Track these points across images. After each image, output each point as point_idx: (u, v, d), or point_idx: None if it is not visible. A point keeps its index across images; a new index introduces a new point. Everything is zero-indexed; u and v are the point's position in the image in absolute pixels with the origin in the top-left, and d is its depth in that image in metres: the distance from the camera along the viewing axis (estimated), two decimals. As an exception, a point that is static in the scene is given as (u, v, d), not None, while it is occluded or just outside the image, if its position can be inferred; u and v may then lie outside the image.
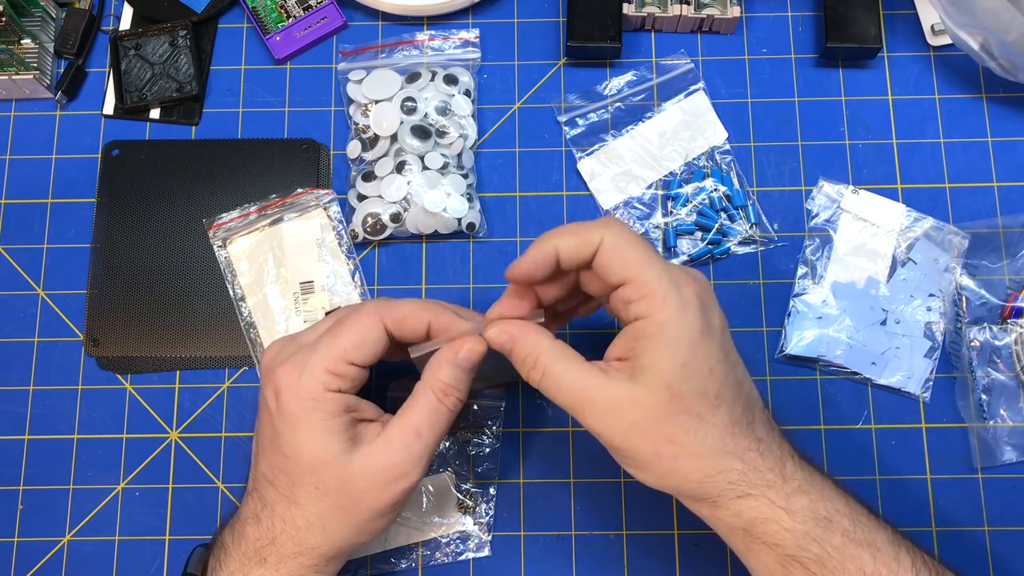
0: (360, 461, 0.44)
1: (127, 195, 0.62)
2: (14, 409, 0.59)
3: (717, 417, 0.42)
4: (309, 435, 0.44)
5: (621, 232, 0.44)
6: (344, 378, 0.45)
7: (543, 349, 0.44)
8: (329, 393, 0.45)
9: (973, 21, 0.57)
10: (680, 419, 0.42)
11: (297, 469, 0.45)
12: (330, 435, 0.44)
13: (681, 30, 0.64)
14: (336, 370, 0.45)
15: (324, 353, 0.45)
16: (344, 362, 0.45)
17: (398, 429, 0.45)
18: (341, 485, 0.44)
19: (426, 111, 0.61)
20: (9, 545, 0.57)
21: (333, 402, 0.45)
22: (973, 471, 0.56)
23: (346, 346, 0.45)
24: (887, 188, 0.61)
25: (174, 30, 0.64)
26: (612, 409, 0.42)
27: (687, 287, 0.42)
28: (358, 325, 0.46)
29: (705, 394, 0.42)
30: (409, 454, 0.45)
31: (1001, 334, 0.57)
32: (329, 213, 0.61)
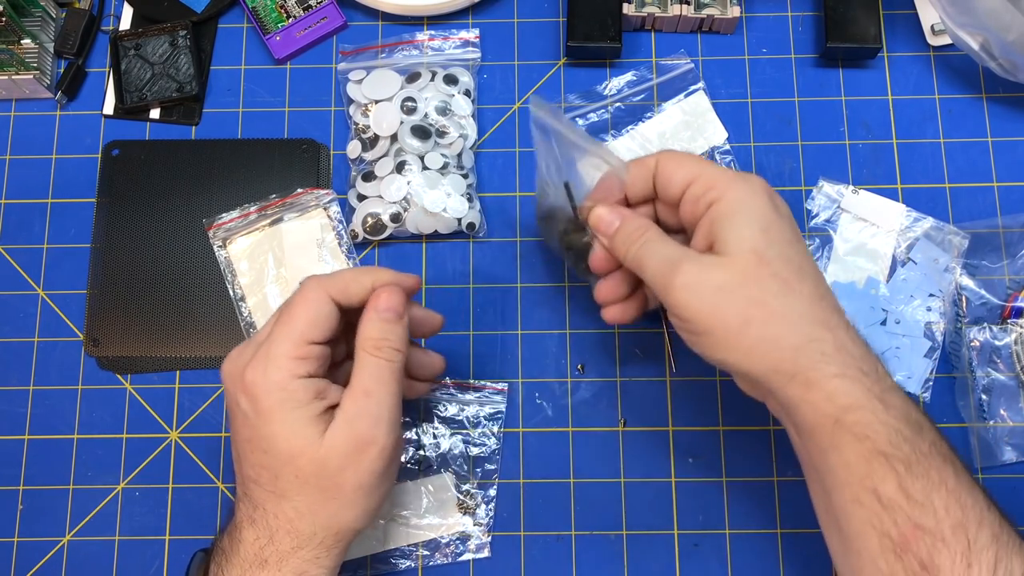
0: (327, 441, 0.44)
1: (127, 195, 0.62)
2: (14, 409, 0.59)
3: (804, 285, 0.43)
4: (282, 426, 0.44)
5: (672, 150, 0.47)
6: (309, 359, 0.45)
7: (646, 226, 0.47)
8: (298, 380, 0.44)
9: (973, 21, 0.57)
10: (768, 283, 0.42)
11: (276, 461, 0.44)
12: (303, 423, 0.44)
13: (681, 30, 0.64)
14: (299, 353, 0.45)
15: (283, 341, 0.45)
16: (304, 343, 0.45)
17: (349, 398, 0.45)
18: (318, 468, 0.44)
19: (426, 111, 0.61)
20: (9, 545, 0.57)
21: (303, 389, 0.44)
22: (973, 471, 0.56)
23: (302, 327, 0.45)
24: (887, 188, 0.61)
25: (174, 30, 0.64)
26: (700, 273, 0.43)
27: (751, 176, 0.45)
28: (307, 303, 0.46)
29: (790, 260, 0.43)
30: (367, 418, 0.45)
31: (1001, 334, 0.57)
32: (329, 213, 0.61)
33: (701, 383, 0.58)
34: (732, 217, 0.44)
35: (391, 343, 0.46)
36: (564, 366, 0.59)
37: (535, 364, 0.59)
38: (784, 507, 0.56)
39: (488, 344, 0.59)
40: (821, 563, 0.55)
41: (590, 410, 0.58)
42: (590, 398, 0.58)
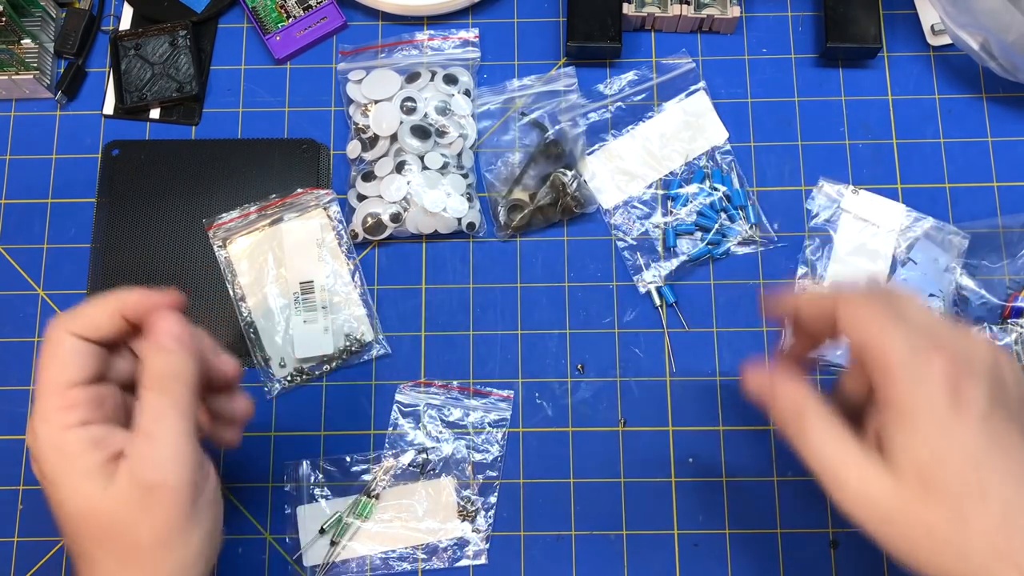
0: (111, 493, 0.39)
1: (127, 195, 0.62)
2: (14, 409, 0.59)
3: (984, 511, 0.36)
4: (64, 484, 0.39)
5: (862, 297, 0.40)
6: (77, 406, 0.40)
7: (804, 405, 0.40)
8: (70, 431, 0.39)
9: (973, 21, 0.57)
10: (936, 510, 0.36)
11: (71, 525, 0.39)
12: (82, 477, 0.39)
13: (681, 30, 0.64)
14: (63, 403, 0.39)
15: (41, 397, 0.40)
16: (63, 389, 0.40)
17: (129, 443, 0.40)
18: (108, 525, 0.39)
19: (426, 111, 0.61)
20: (9, 545, 0.57)
21: (76, 440, 0.39)
22: (973, 471, 0.56)
23: (54, 373, 0.40)
24: (887, 188, 0.61)
25: (174, 30, 0.64)
26: (865, 496, 0.38)
27: (938, 360, 0.37)
28: (50, 346, 0.40)
29: (966, 481, 0.36)
30: (150, 461, 0.39)
31: (1001, 334, 0.57)
32: (329, 213, 0.61)
33: (701, 383, 0.58)
34: (897, 424, 0.37)
35: (172, 375, 0.41)
36: (564, 366, 0.59)
37: (535, 364, 0.59)
38: (784, 507, 0.56)
39: (488, 344, 0.59)
40: (820, 563, 0.55)
41: (590, 410, 0.58)
42: (590, 398, 0.58)
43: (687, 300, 0.59)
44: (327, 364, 0.59)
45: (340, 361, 0.59)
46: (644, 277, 0.59)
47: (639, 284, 0.59)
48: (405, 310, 0.60)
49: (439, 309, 0.60)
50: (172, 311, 0.43)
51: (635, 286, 0.60)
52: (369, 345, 0.59)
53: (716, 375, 0.58)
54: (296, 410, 0.58)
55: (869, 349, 0.38)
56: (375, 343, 0.59)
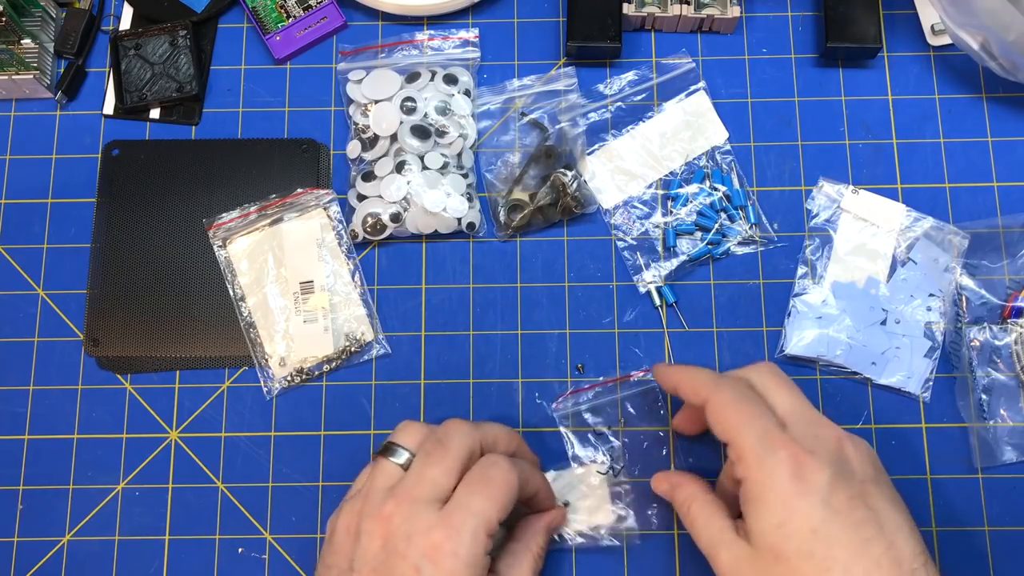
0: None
1: (127, 195, 0.62)
2: (14, 409, 0.59)
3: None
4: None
5: (727, 393, 0.46)
6: (493, 539, 0.45)
7: (694, 498, 0.48)
8: (487, 557, 0.44)
9: (973, 21, 0.57)
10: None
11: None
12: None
13: (681, 30, 0.64)
14: (492, 532, 0.45)
15: (483, 515, 0.44)
16: (497, 523, 0.45)
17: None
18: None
19: (426, 111, 0.61)
20: (9, 545, 0.57)
21: (485, 566, 0.44)
22: (973, 471, 0.56)
23: (503, 505, 0.45)
24: (887, 188, 0.61)
25: (174, 30, 0.64)
26: (733, 568, 0.44)
27: (782, 449, 0.43)
28: (510, 483, 0.46)
29: (811, 555, 0.41)
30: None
31: (1001, 334, 0.57)
32: (329, 213, 0.61)
33: (701, 383, 0.58)
34: (751, 504, 0.43)
35: (544, 551, 0.51)
36: (564, 366, 0.59)
37: (535, 364, 0.59)
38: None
39: (488, 344, 0.59)
40: (821, 563, 0.55)
41: (590, 410, 0.58)
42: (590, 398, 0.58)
43: (687, 300, 0.59)
44: (327, 364, 0.59)
45: (340, 361, 0.59)
46: (644, 277, 0.59)
47: (639, 284, 0.59)
48: (405, 310, 0.60)
49: (439, 309, 0.60)
50: (563, 510, 0.54)
51: (635, 286, 0.60)
52: (369, 345, 0.59)
53: (716, 375, 0.58)
54: (296, 410, 0.58)
55: (729, 441, 0.45)
56: (375, 343, 0.59)
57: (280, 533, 0.56)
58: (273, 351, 0.59)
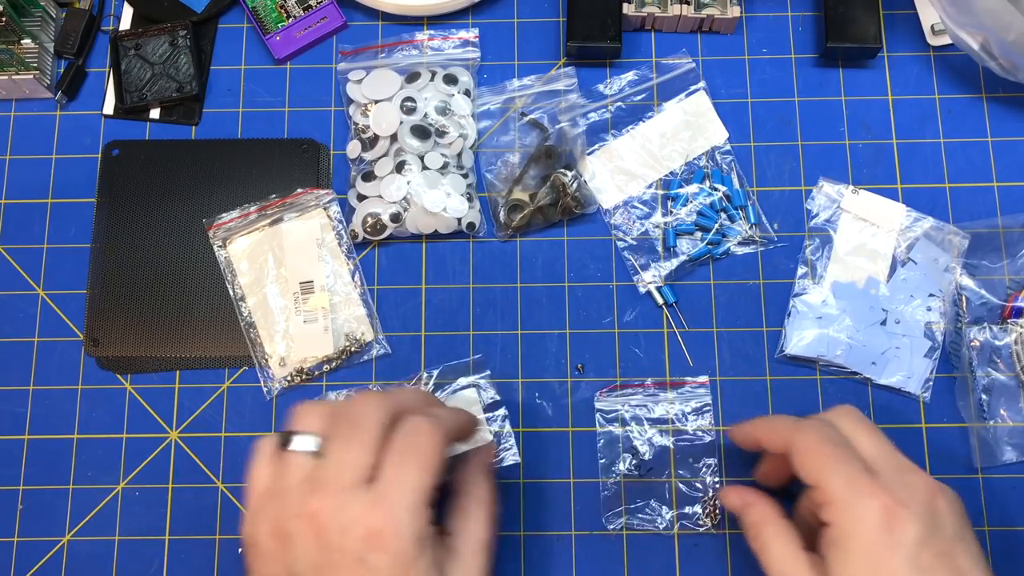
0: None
1: (127, 195, 0.62)
2: (14, 409, 0.59)
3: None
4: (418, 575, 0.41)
5: (812, 436, 0.45)
6: (432, 502, 0.42)
7: (768, 522, 0.47)
8: (431, 527, 0.42)
9: (973, 21, 0.57)
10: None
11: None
12: (433, 570, 0.41)
13: (681, 30, 0.64)
14: (430, 500, 0.42)
15: (417, 486, 0.41)
16: (432, 489, 0.42)
17: (471, 549, 0.44)
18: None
19: (426, 111, 0.61)
20: (9, 545, 0.57)
21: (432, 535, 0.42)
22: (973, 471, 0.56)
23: (432, 472, 0.42)
24: (887, 188, 0.61)
25: (174, 30, 0.64)
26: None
27: (873, 498, 0.42)
28: (436, 447, 0.43)
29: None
30: (483, 570, 0.44)
31: (1001, 334, 0.57)
32: (329, 213, 0.61)
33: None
34: (836, 550, 0.42)
35: (492, 495, 0.48)
36: (564, 366, 0.59)
37: (535, 364, 0.59)
38: (784, 507, 0.56)
39: (488, 344, 0.59)
40: (821, 563, 0.55)
41: (590, 410, 0.58)
42: (590, 398, 0.58)
43: (687, 300, 0.59)
44: (327, 364, 0.59)
45: (340, 361, 0.59)
46: (644, 277, 0.59)
47: (639, 284, 0.59)
48: (405, 310, 0.60)
49: (439, 309, 0.60)
50: (492, 443, 0.54)
51: (635, 286, 0.60)
52: (369, 345, 0.59)
53: (716, 375, 0.58)
54: (296, 410, 0.58)
55: (816, 484, 0.44)
56: (375, 343, 0.59)
57: (280, 533, 0.56)
58: (273, 351, 0.59)
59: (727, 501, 0.51)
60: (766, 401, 0.57)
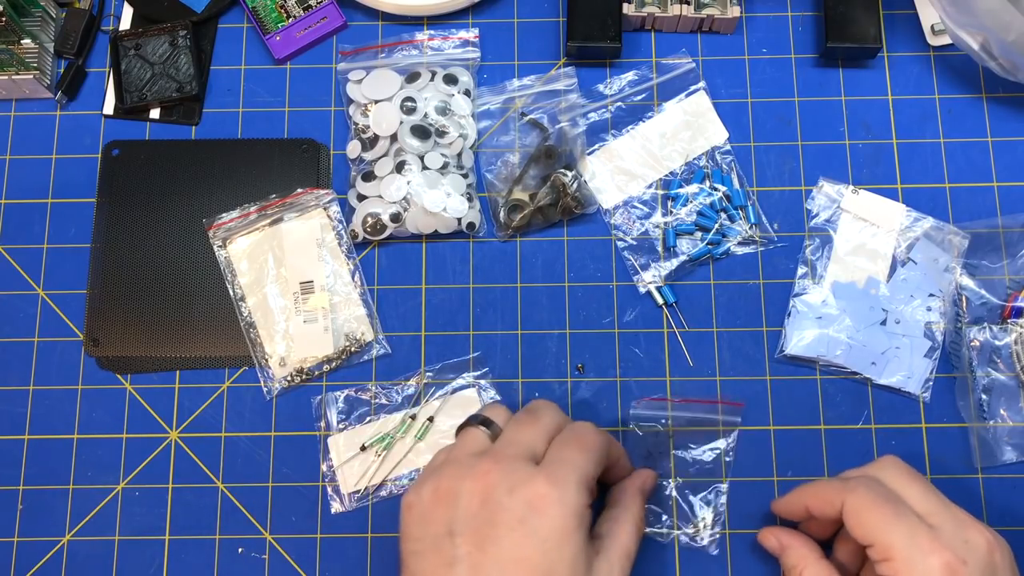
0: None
1: (127, 195, 0.62)
2: (14, 409, 0.59)
3: None
4: (571, 553, 0.42)
5: (864, 495, 0.46)
6: (593, 494, 0.45)
7: (808, 564, 0.48)
8: (589, 509, 0.44)
9: (973, 21, 0.57)
10: None
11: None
12: (586, 555, 0.43)
13: (681, 30, 0.64)
14: (591, 486, 0.45)
15: (585, 466, 0.45)
16: (594, 478, 0.45)
17: (617, 554, 0.46)
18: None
19: (426, 111, 0.61)
20: (9, 545, 0.57)
21: (589, 519, 0.44)
22: (973, 471, 0.56)
23: (599, 458, 0.46)
24: (887, 188, 0.61)
25: (174, 30, 0.64)
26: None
27: (935, 555, 0.43)
28: (602, 441, 0.47)
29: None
30: (622, 574, 0.46)
31: (1001, 334, 0.57)
32: (329, 213, 0.61)
33: (701, 383, 0.58)
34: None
35: (644, 513, 0.51)
36: (564, 366, 0.59)
37: (535, 364, 0.59)
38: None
39: (488, 344, 0.59)
40: (821, 563, 0.55)
41: (590, 410, 0.58)
42: (590, 398, 0.58)
43: (687, 300, 0.59)
44: (327, 364, 0.59)
45: (340, 361, 0.59)
46: (644, 277, 0.59)
47: (639, 284, 0.59)
48: (405, 310, 0.60)
49: (439, 309, 0.60)
50: (652, 471, 0.54)
51: (635, 286, 0.60)
52: (369, 345, 0.59)
53: (716, 375, 0.58)
54: (296, 410, 0.58)
55: (874, 542, 0.44)
56: (375, 343, 0.59)
57: (280, 533, 0.56)
58: (273, 351, 0.59)
59: (766, 543, 0.52)
60: (766, 401, 0.57)
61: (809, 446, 0.57)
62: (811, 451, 0.57)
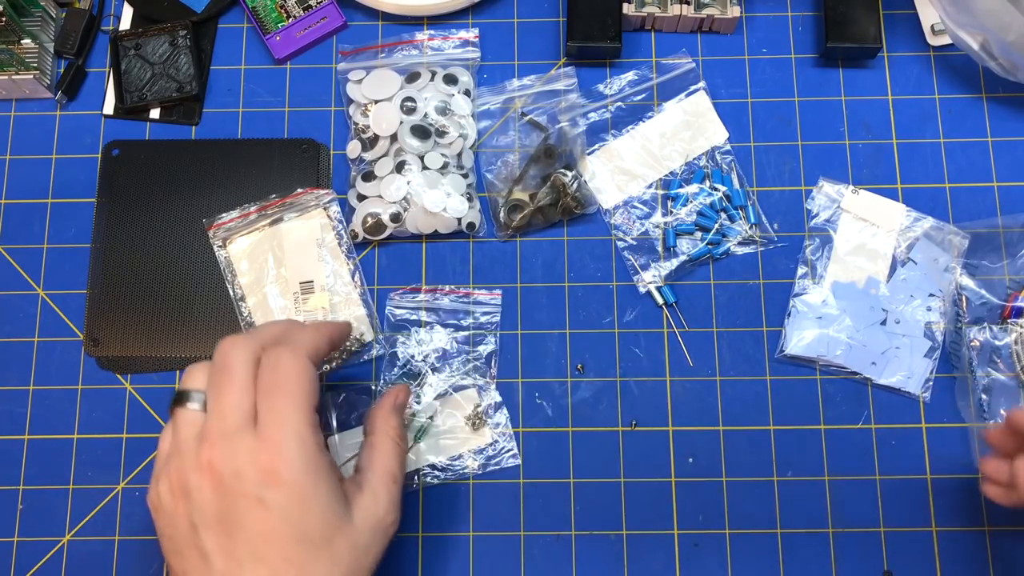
0: (359, 518, 0.44)
1: (127, 195, 0.62)
2: (14, 409, 0.59)
3: None
4: (319, 506, 0.42)
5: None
6: (317, 429, 0.43)
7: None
8: (322, 453, 0.43)
9: (973, 21, 0.57)
10: None
11: (309, 551, 0.41)
12: (337, 501, 0.43)
13: (681, 30, 0.64)
14: (313, 422, 0.43)
15: (297, 413, 0.42)
16: (312, 412, 0.43)
17: (379, 480, 0.46)
18: (351, 551, 0.42)
19: (426, 111, 0.61)
20: (9, 545, 0.57)
21: (329, 463, 0.43)
22: (973, 471, 0.56)
23: (306, 398, 0.43)
24: (887, 188, 0.61)
25: (174, 30, 0.64)
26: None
27: None
28: (301, 375, 0.43)
29: None
30: (393, 501, 0.46)
31: (1001, 334, 0.57)
32: (329, 213, 0.61)
33: (701, 383, 0.58)
34: None
35: (402, 432, 0.50)
36: (564, 366, 0.59)
37: (535, 364, 0.59)
38: (784, 507, 0.56)
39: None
40: (820, 563, 0.55)
41: (590, 410, 0.58)
42: (590, 398, 0.58)
43: (687, 300, 0.59)
44: (327, 364, 0.59)
45: (340, 361, 0.59)
46: (644, 277, 0.59)
47: (639, 284, 0.59)
48: (405, 310, 0.60)
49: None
50: (405, 386, 0.53)
51: (635, 286, 0.60)
52: (369, 345, 0.59)
53: (716, 375, 0.58)
54: (296, 410, 0.58)
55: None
56: (375, 343, 0.59)
57: (280, 533, 0.56)
58: (273, 351, 0.59)
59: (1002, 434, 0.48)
60: (766, 401, 0.57)
61: (809, 446, 0.57)
62: (811, 451, 0.57)
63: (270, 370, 0.44)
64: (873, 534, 0.55)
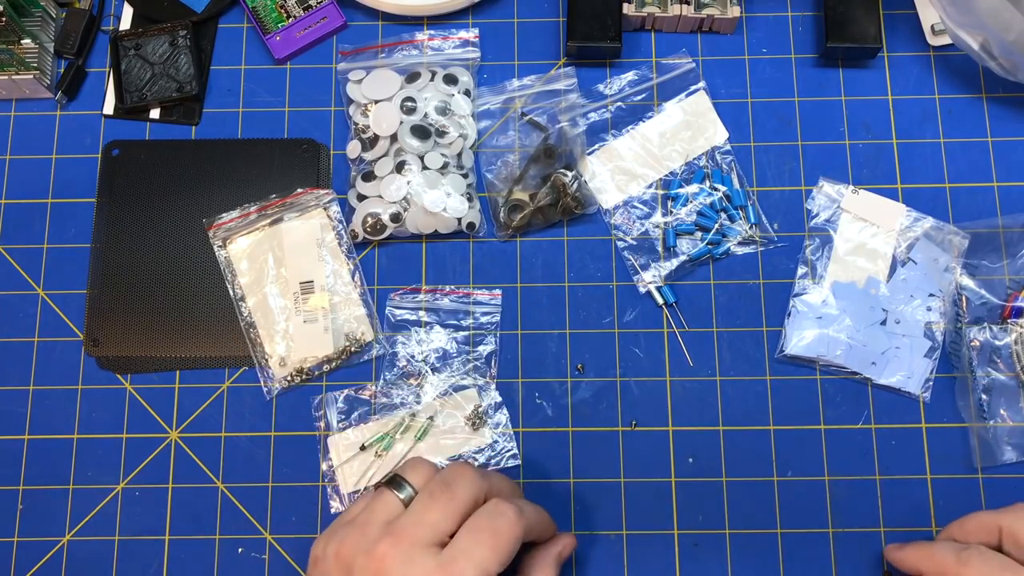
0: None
1: (127, 195, 0.62)
2: (14, 409, 0.59)
3: None
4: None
5: (976, 569, 0.45)
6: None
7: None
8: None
9: (973, 21, 0.57)
10: None
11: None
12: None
13: (681, 30, 0.64)
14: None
15: (484, 566, 0.42)
16: (496, 574, 0.43)
17: None
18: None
19: (426, 111, 0.61)
20: (9, 545, 0.57)
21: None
22: (973, 471, 0.56)
23: (502, 559, 0.43)
24: (887, 188, 0.61)
25: (174, 30, 0.64)
26: None
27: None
28: (513, 538, 0.44)
29: None
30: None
31: (1001, 334, 0.57)
32: (329, 213, 0.61)
33: (701, 383, 0.58)
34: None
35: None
36: (564, 366, 0.59)
37: (535, 364, 0.59)
38: (784, 507, 0.56)
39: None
40: (820, 563, 0.55)
41: (590, 410, 0.58)
42: (590, 398, 0.58)
43: (687, 300, 0.59)
44: (327, 364, 0.59)
45: (340, 361, 0.59)
46: (644, 277, 0.59)
47: (639, 284, 0.59)
48: (405, 310, 0.60)
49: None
50: (572, 537, 0.51)
51: (635, 286, 0.60)
52: (369, 345, 0.59)
53: (716, 375, 0.58)
54: (296, 410, 0.58)
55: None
56: (375, 343, 0.59)
57: (280, 533, 0.56)
58: (273, 351, 0.59)
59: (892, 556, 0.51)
60: (766, 401, 0.57)
61: (809, 446, 0.57)
62: (811, 451, 0.57)
63: (490, 514, 0.44)
64: (873, 534, 0.55)
